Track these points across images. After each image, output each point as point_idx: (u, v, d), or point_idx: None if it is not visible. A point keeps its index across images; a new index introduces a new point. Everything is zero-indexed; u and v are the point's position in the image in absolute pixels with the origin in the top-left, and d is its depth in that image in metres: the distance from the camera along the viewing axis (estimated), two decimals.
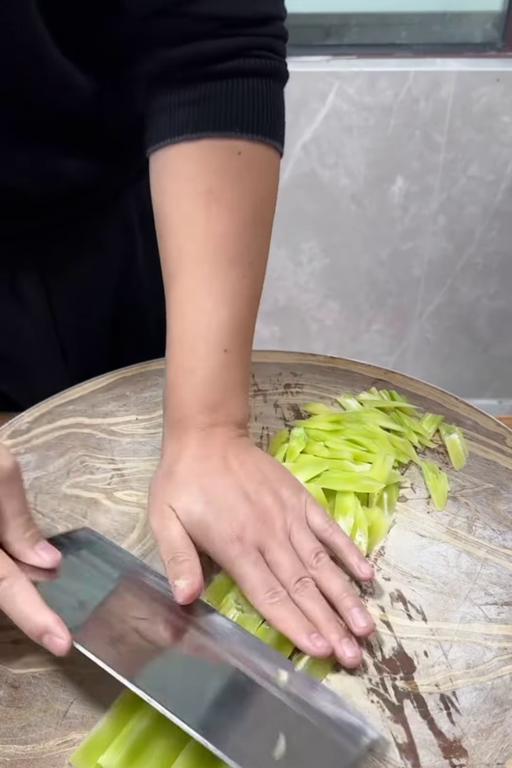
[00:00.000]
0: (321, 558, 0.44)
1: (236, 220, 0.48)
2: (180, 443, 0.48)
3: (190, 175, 0.48)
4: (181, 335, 0.49)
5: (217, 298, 0.48)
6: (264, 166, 0.50)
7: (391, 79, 1.44)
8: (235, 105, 0.47)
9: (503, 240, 1.64)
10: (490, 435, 0.59)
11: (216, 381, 0.48)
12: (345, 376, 0.67)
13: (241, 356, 0.50)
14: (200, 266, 0.48)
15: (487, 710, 0.39)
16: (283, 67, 0.51)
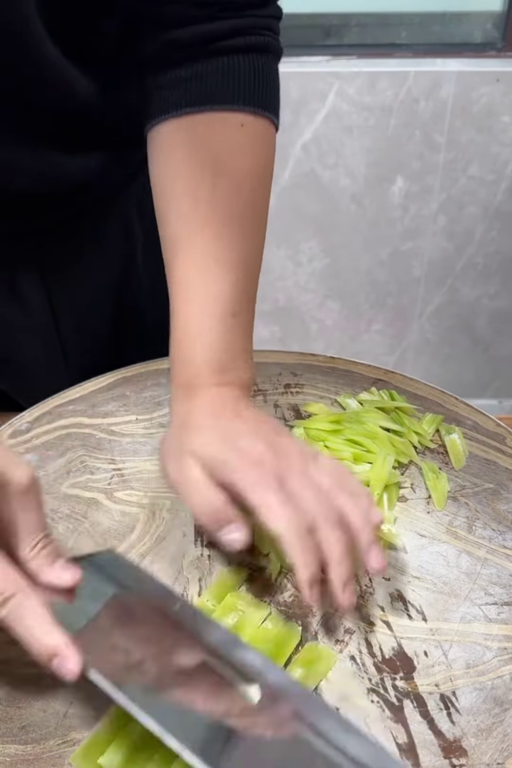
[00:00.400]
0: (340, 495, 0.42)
1: (240, 188, 0.49)
2: (191, 402, 0.47)
3: (194, 143, 0.48)
4: (187, 296, 0.49)
5: (221, 262, 0.48)
6: (264, 138, 0.51)
7: (391, 79, 1.44)
8: (236, 79, 0.49)
9: (503, 240, 1.64)
10: (490, 435, 0.59)
11: (223, 343, 0.48)
12: (345, 376, 0.67)
13: (246, 319, 0.50)
14: (203, 232, 0.48)
15: (487, 710, 0.39)
16: (278, 43, 0.53)
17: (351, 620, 0.45)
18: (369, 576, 0.44)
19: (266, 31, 0.51)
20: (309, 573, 0.39)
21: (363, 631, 0.44)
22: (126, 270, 0.71)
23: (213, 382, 0.47)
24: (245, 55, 0.49)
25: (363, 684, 0.41)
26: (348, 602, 0.40)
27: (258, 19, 0.50)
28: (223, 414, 0.46)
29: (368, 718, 0.39)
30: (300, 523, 0.40)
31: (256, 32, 0.50)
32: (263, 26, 0.50)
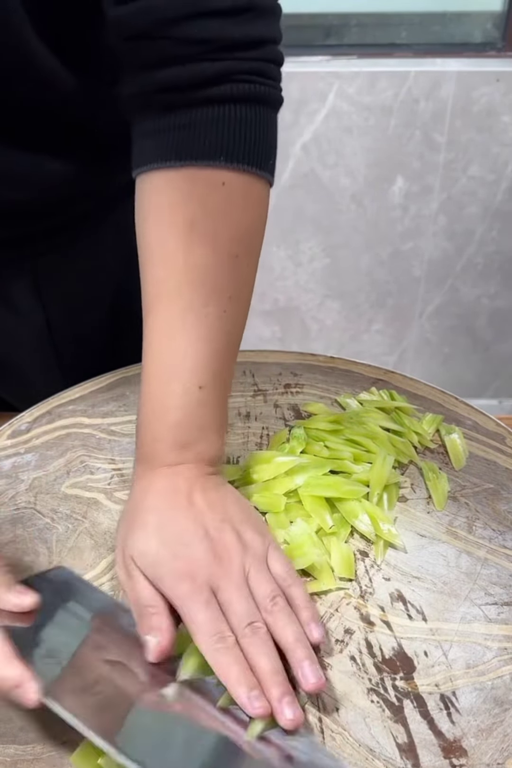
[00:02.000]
0: (277, 602, 0.41)
1: (217, 253, 0.46)
2: (148, 481, 0.46)
3: (172, 204, 0.46)
4: (154, 371, 0.47)
5: (192, 333, 0.46)
6: (250, 197, 0.48)
7: (391, 79, 1.44)
8: (220, 133, 0.45)
9: (503, 240, 1.64)
10: (490, 435, 0.59)
11: (189, 419, 0.46)
12: (345, 376, 0.67)
13: (217, 394, 0.47)
14: (177, 300, 0.46)
15: (487, 710, 0.39)
16: (276, 92, 0.48)
17: (351, 620, 0.45)
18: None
19: (262, 78, 0.46)
20: (244, 691, 0.37)
21: (363, 631, 0.44)
22: (123, 274, 0.70)
23: (172, 460, 0.46)
24: (234, 105, 0.45)
25: (363, 684, 0.41)
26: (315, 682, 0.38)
27: (252, 62, 0.45)
28: (174, 500, 0.44)
29: (368, 718, 0.39)
30: (224, 641, 0.38)
31: (247, 78, 0.45)
32: (256, 71, 0.45)
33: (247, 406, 0.63)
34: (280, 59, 0.48)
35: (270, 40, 0.47)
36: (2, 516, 0.52)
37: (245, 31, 0.44)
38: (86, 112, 0.57)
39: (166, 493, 0.45)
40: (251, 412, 0.62)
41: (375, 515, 0.50)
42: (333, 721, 0.39)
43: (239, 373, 0.67)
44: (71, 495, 0.54)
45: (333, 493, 0.51)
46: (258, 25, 0.45)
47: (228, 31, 0.44)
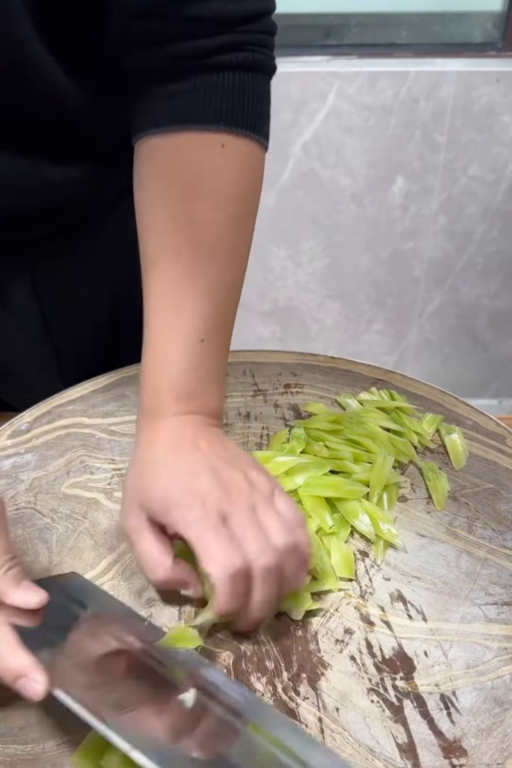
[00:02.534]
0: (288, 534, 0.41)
1: (217, 212, 0.47)
2: (153, 432, 0.46)
3: (172, 165, 0.47)
4: (157, 324, 0.48)
5: (195, 287, 0.47)
6: (248, 159, 0.49)
7: (391, 79, 1.44)
8: (219, 98, 0.47)
9: (503, 240, 1.64)
10: (490, 435, 0.59)
11: (191, 371, 0.47)
12: (345, 376, 0.67)
13: (218, 347, 0.49)
14: (179, 256, 0.47)
15: (487, 710, 0.39)
16: (270, 60, 0.51)
17: (351, 620, 0.45)
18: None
19: (258, 48, 0.48)
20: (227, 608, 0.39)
21: (363, 631, 0.44)
22: (122, 277, 0.70)
23: (175, 411, 0.46)
24: (232, 72, 0.47)
25: (363, 684, 0.41)
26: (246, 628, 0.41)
27: (251, 35, 0.48)
28: (180, 447, 0.45)
29: (368, 718, 0.39)
30: (234, 566, 0.39)
31: (246, 48, 0.48)
32: (255, 42, 0.48)
33: (246, 406, 0.63)
34: (274, 29, 0.51)
35: (266, 12, 0.49)
36: None
37: (243, 7, 0.47)
38: (87, 119, 0.57)
39: (172, 441, 0.45)
40: (251, 412, 0.62)
41: (375, 515, 0.50)
42: (333, 721, 0.39)
43: (239, 373, 0.67)
44: (71, 495, 0.54)
45: (333, 493, 0.51)
46: (256, 1, 0.48)
47: (228, 9, 0.46)
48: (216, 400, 0.49)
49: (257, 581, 0.39)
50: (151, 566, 0.42)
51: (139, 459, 0.46)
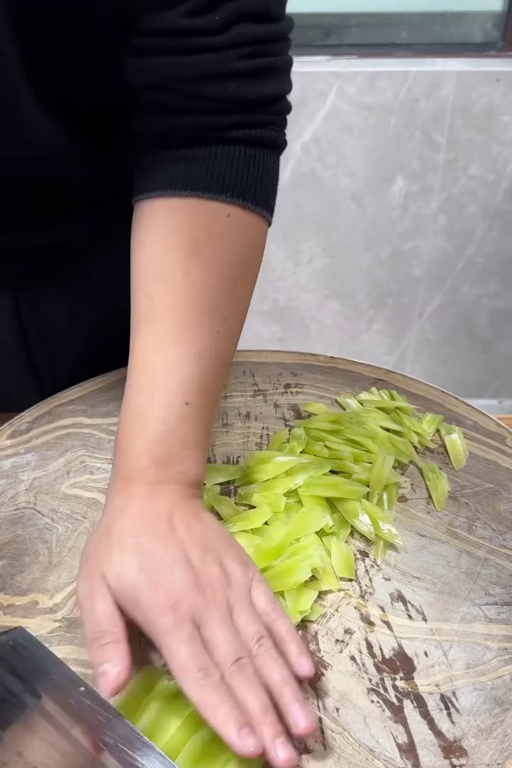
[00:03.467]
0: (263, 643, 0.38)
1: (216, 276, 0.46)
2: (124, 498, 0.43)
3: (176, 228, 0.46)
4: (140, 382, 0.45)
5: (183, 348, 0.45)
6: (251, 232, 0.49)
7: (391, 79, 1.44)
8: (228, 170, 0.47)
9: (503, 240, 1.64)
10: (490, 435, 0.59)
11: (172, 434, 0.44)
12: (345, 376, 0.67)
13: (203, 412, 0.46)
14: (171, 315, 0.45)
15: (487, 710, 0.39)
16: (283, 138, 0.51)
17: (351, 620, 0.45)
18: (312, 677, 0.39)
19: (272, 126, 0.49)
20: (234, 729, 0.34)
21: (363, 631, 0.44)
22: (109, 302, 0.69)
23: (151, 478, 0.43)
24: (243, 147, 0.47)
25: (363, 684, 0.41)
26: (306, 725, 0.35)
27: (268, 116, 0.48)
28: (154, 526, 0.41)
29: (368, 718, 0.39)
30: (213, 678, 0.36)
31: (259, 126, 0.48)
32: (268, 122, 0.49)
33: (246, 406, 0.63)
34: (289, 110, 0.51)
35: (283, 96, 0.50)
36: (2, 516, 0.52)
37: (261, 91, 0.47)
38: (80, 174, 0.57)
39: (145, 516, 0.42)
40: (251, 412, 0.62)
41: (375, 515, 0.50)
42: (333, 721, 0.39)
43: (239, 373, 0.67)
44: (71, 495, 0.54)
45: (333, 493, 0.51)
46: (273, 85, 0.48)
47: (244, 91, 0.46)
48: (196, 467, 0.45)
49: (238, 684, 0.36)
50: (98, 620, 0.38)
51: (107, 528, 0.42)
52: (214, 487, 0.54)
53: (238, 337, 0.50)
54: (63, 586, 0.46)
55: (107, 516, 0.43)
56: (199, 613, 0.38)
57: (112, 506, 0.43)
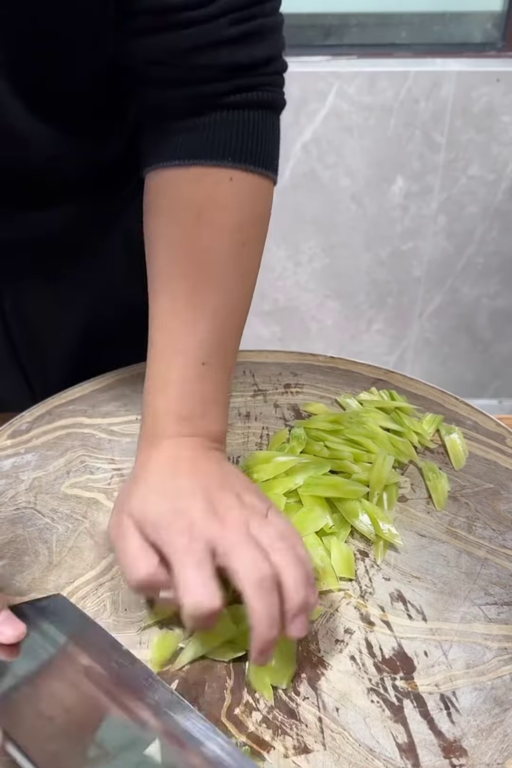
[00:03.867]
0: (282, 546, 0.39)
1: (223, 239, 0.48)
2: (151, 452, 0.46)
3: (181, 198, 0.48)
4: (160, 346, 0.48)
5: (198, 311, 0.47)
6: (256, 193, 0.50)
7: (391, 79, 1.44)
8: (228, 135, 0.48)
9: (503, 240, 1.64)
10: (490, 435, 0.59)
11: (192, 393, 0.47)
12: (345, 376, 0.67)
13: (220, 370, 0.48)
14: (184, 281, 0.48)
15: (487, 710, 0.39)
16: (281, 97, 0.52)
17: (351, 620, 0.45)
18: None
19: (269, 87, 0.50)
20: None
21: (363, 631, 0.44)
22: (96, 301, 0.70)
23: (175, 432, 0.46)
24: (242, 110, 0.49)
25: (363, 684, 0.41)
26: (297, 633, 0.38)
27: (263, 77, 0.49)
28: (177, 469, 0.44)
29: (368, 718, 0.39)
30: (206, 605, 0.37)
31: (257, 89, 0.49)
32: (266, 83, 0.50)
33: (246, 406, 0.63)
34: (284, 68, 0.52)
35: (276, 56, 0.50)
36: (2, 516, 0.52)
37: (253, 54, 0.48)
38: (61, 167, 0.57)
39: (170, 462, 0.45)
40: (251, 412, 0.63)
41: (375, 515, 0.50)
42: (333, 721, 0.39)
43: (239, 373, 0.67)
44: (71, 495, 0.54)
45: (333, 493, 0.51)
46: (265, 47, 0.49)
47: (237, 57, 0.47)
48: (217, 423, 0.48)
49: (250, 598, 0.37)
50: (135, 562, 0.39)
51: (135, 477, 0.45)
52: None
53: (250, 297, 0.52)
54: (63, 586, 0.46)
55: (134, 468, 0.46)
56: (213, 535, 0.39)
57: (139, 460, 0.46)
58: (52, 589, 0.46)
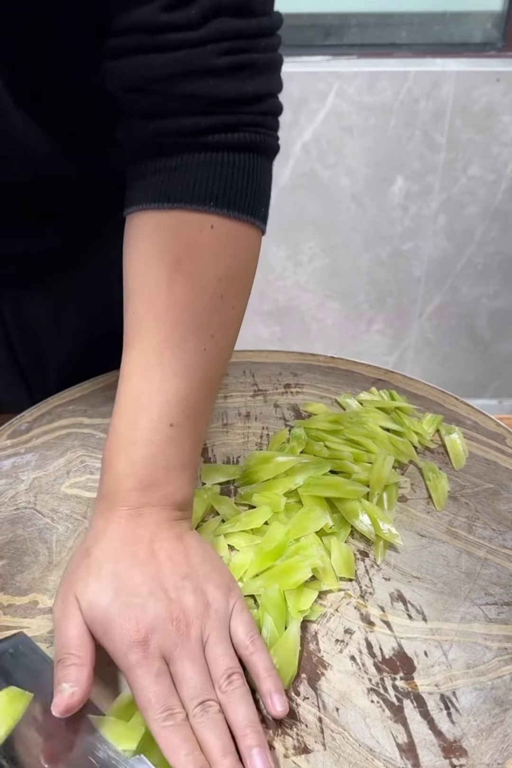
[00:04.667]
0: (233, 681, 0.38)
1: (200, 291, 0.45)
2: (106, 521, 0.43)
3: (158, 243, 0.45)
4: (125, 404, 0.45)
5: (167, 369, 0.44)
6: (239, 242, 0.47)
7: (391, 79, 1.44)
8: (210, 178, 0.45)
9: (503, 240, 1.64)
10: (490, 435, 0.59)
11: (156, 457, 0.43)
12: (345, 376, 0.67)
13: (189, 433, 0.45)
14: (155, 335, 0.44)
15: (487, 710, 0.39)
16: (273, 141, 0.48)
17: (351, 620, 0.45)
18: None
19: (259, 128, 0.46)
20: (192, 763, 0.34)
21: (363, 631, 0.44)
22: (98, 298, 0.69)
23: (135, 502, 0.43)
24: (227, 152, 0.45)
25: (363, 684, 0.41)
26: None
27: (251, 116, 0.46)
28: (133, 549, 0.41)
29: (368, 718, 0.39)
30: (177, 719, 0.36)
31: (242, 129, 0.45)
32: (256, 123, 0.46)
33: (246, 406, 0.63)
34: (278, 110, 0.48)
35: (268, 95, 0.47)
36: (2, 516, 0.52)
37: (241, 89, 0.45)
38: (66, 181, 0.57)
39: (125, 541, 0.42)
40: (251, 412, 0.63)
41: (375, 515, 0.50)
42: (333, 721, 0.39)
43: (239, 373, 0.67)
44: (71, 495, 0.54)
45: (333, 493, 0.51)
46: (255, 83, 0.45)
47: (223, 89, 0.44)
48: (181, 491, 0.44)
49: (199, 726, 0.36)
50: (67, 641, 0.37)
51: (87, 551, 0.42)
52: (214, 487, 0.54)
53: (229, 353, 0.49)
54: None
55: (89, 538, 0.43)
56: (169, 648, 0.38)
57: (94, 528, 0.43)
58: (51, 589, 0.46)
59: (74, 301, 0.69)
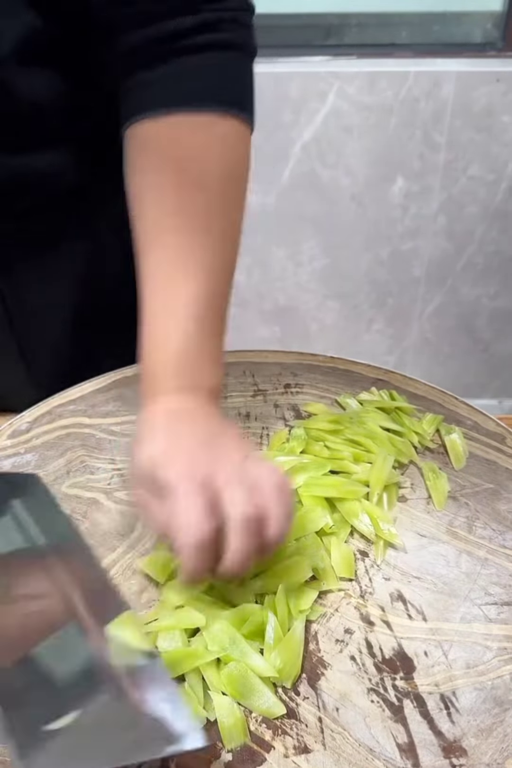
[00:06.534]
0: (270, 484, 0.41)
1: (206, 191, 0.48)
2: (151, 409, 0.47)
3: (160, 150, 0.48)
4: (151, 308, 0.49)
5: (186, 268, 0.48)
6: (233, 137, 0.50)
7: (391, 79, 1.44)
8: (203, 80, 0.48)
9: (503, 240, 1.64)
10: (490, 435, 0.59)
11: (187, 349, 0.47)
12: (345, 376, 0.67)
13: (213, 325, 0.49)
14: (170, 238, 0.48)
15: (487, 710, 0.39)
16: (250, 39, 0.51)
17: (351, 620, 0.45)
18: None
19: (233, 25, 0.49)
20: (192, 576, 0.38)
21: (363, 631, 0.44)
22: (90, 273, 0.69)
23: (174, 387, 0.47)
24: (211, 53, 0.49)
25: (363, 684, 0.41)
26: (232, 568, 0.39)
27: (223, 12, 0.49)
28: (178, 420, 0.45)
29: (368, 718, 0.39)
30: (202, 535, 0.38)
31: (222, 28, 0.49)
32: (229, 20, 0.49)
33: (246, 406, 0.63)
34: (250, 6, 0.51)
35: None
36: None
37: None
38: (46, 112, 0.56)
39: (169, 414, 0.46)
40: (251, 412, 0.62)
41: (375, 515, 0.50)
42: (333, 721, 0.39)
43: (239, 373, 0.67)
44: (71, 495, 0.54)
45: (333, 493, 0.51)
46: None
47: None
48: (213, 378, 0.49)
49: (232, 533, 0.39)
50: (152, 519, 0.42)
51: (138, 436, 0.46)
52: None
53: (237, 247, 0.52)
54: None
55: (139, 427, 0.47)
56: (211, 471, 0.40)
57: (141, 420, 0.47)
58: None
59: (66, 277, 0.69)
